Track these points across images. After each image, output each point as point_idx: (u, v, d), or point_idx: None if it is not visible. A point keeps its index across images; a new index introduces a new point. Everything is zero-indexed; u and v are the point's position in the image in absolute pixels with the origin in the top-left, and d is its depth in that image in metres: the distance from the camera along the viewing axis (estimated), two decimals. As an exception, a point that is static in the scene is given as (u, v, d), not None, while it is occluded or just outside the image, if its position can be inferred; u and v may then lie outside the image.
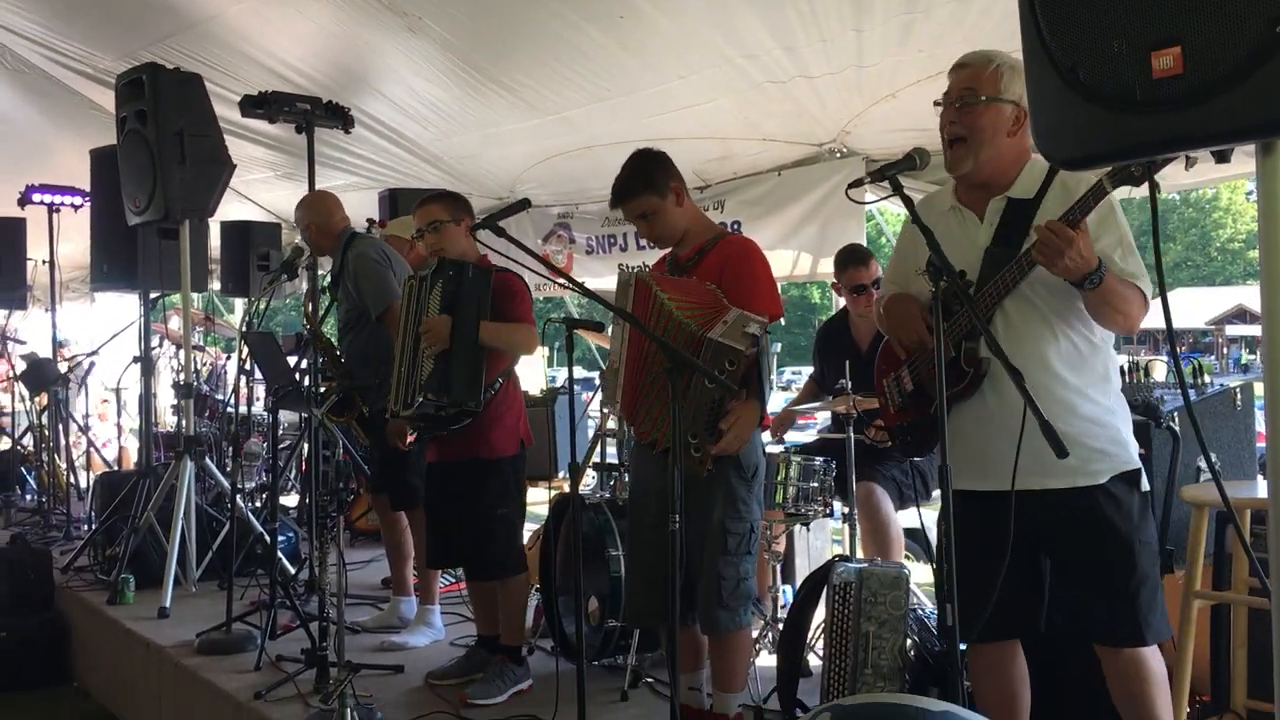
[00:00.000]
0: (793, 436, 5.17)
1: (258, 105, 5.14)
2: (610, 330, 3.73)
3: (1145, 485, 2.77)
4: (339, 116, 5.43)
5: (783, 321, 3.55)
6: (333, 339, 5.24)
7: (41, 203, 8.20)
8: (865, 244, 5.54)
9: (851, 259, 4.93)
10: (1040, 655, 3.03)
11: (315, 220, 5.13)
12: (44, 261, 8.77)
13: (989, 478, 2.76)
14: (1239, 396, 4.01)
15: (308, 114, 5.13)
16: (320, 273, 5.74)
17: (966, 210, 2.90)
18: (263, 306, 5.65)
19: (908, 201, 2.76)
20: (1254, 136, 1.63)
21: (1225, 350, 38.62)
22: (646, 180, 3.48)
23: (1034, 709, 2.99)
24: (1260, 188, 1.70)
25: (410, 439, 4.61)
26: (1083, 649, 2.87)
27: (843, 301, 5.32)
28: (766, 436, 4.87)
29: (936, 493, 4.65)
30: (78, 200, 8.12)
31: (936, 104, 2.84)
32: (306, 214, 5.16)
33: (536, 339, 4.36)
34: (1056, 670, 3.33)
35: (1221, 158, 1.73)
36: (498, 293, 4.17)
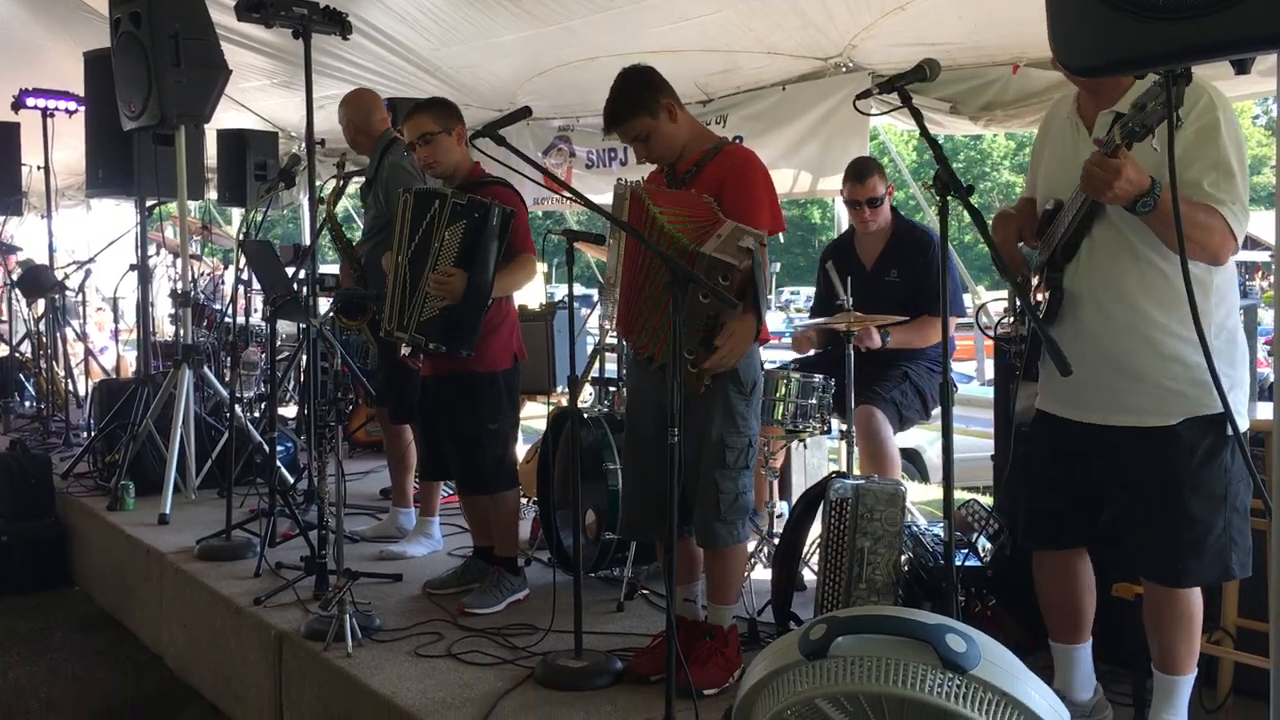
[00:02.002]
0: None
1: (254, 9, 5.01)
2: (608, 244, 3.67)
3: (1230, 429, 2.63)
4: (336, 22, 5.31)
5: (781, 239, 3.50)
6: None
7: (35, 107, 8.05)
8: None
9: (850, 171, 4.82)
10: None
11: (354, 118, 5.14)
12: (39, 167, 8.67)
13: (1063, 404, 2.84)
14: (1241, 320, 3.98)
15: (305, 19, 5.01)
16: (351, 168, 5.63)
17: (1081, 124, 2.81)
18: (259, 217, 5.60)
19: (916, 114, 2.71)
20: (1278, 45, 1.58)
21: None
22: (636, 102, 3.37)
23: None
24: (1281, 99, 1.66)
25: (405, 352, 4.61)
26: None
27: (846, 221, 5.27)
28: (765, 353, 4.86)
29: (936, 411, 4.66)
30: (72, 105, 7.98)
31: None
32: (345, 111, 5.16)
33: (536, 267, 4.32)
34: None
35: (1241, 68, 1.69)
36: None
